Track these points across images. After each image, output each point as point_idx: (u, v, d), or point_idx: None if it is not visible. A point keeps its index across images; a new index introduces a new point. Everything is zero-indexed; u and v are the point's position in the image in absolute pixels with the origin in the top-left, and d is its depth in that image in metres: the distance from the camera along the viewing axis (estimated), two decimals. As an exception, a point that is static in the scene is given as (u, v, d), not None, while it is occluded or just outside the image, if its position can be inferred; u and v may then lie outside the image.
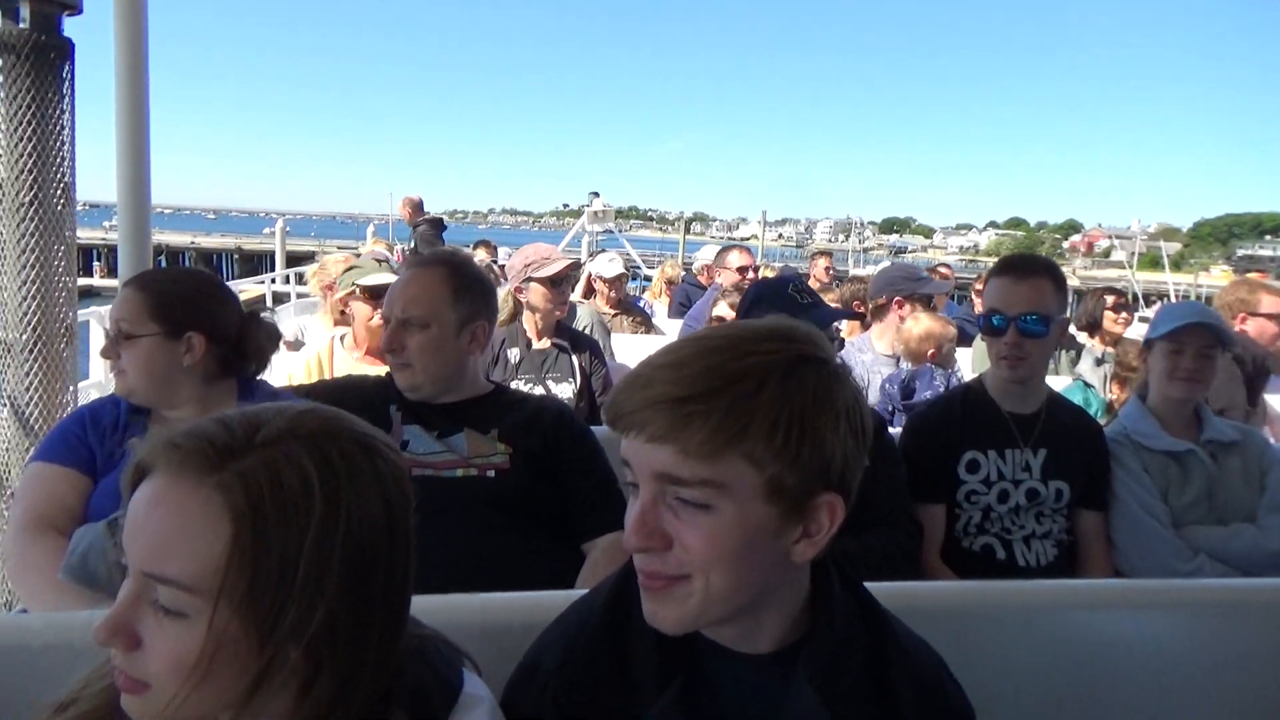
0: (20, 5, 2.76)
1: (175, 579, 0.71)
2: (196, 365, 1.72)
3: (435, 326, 1.80)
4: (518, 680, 0.98)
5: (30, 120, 2.76)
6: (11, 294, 2.79)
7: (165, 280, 1.78)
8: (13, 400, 2.80)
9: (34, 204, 2.78)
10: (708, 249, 7.42)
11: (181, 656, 0.71)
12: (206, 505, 0.71)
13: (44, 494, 1.63)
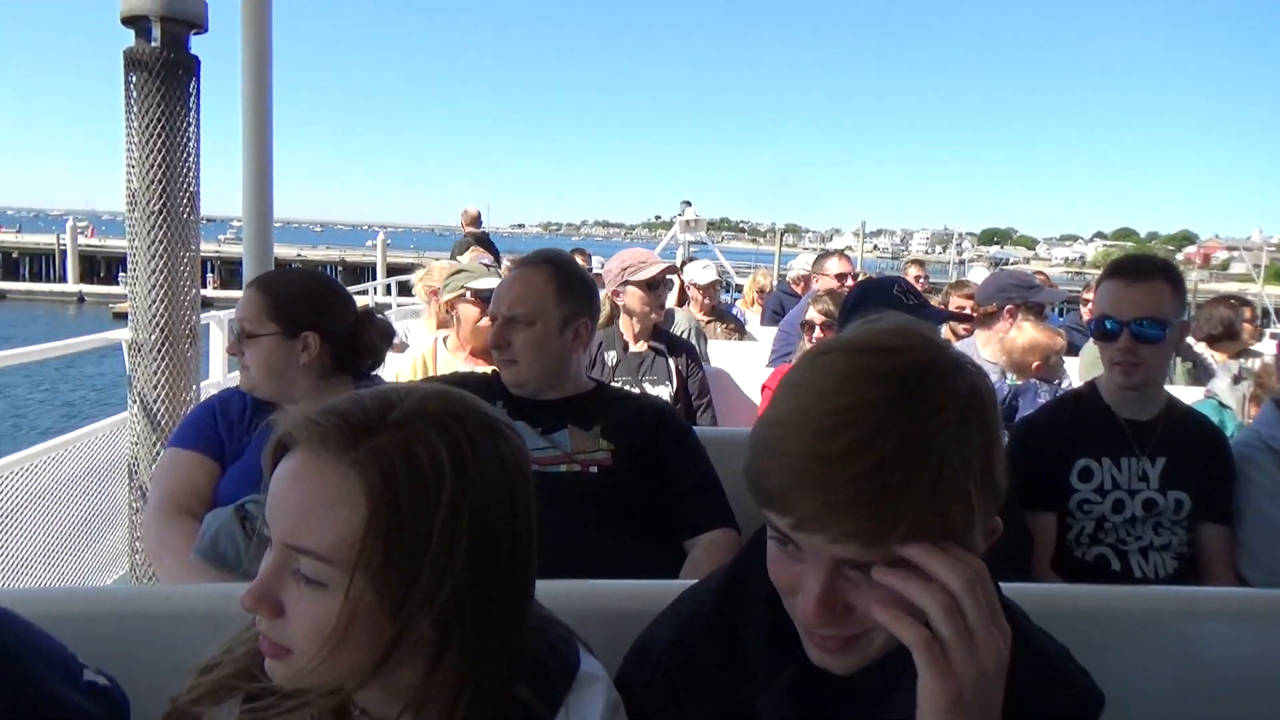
0: (152, 25, 2.95)
1: (315, 550, 0.74)
2: (312, 362, 1.80)
3: (540, 323, 1.85)
4: (630, 663, 0.99)
5: (160, 133, 2.94)
6: (142, 297, 2.98)
7: (283, 282, 1.88)
8: (141, 397, 2.98)
9: (163, 213, 2.96)
10: (803, 257, 7.37)
11: (321, 624, 0.74)
12: (344, 481, 0.74)
13: (178, 479, 1.74)
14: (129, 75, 2.95)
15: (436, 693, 0.78)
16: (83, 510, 3.18)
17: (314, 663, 0.75)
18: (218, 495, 1.72)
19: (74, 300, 35.53)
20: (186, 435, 1.80)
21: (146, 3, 2.92)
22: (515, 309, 1.86)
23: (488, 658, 0.79)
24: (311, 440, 0.77)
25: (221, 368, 3.95)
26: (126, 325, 3.07)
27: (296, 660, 0.76)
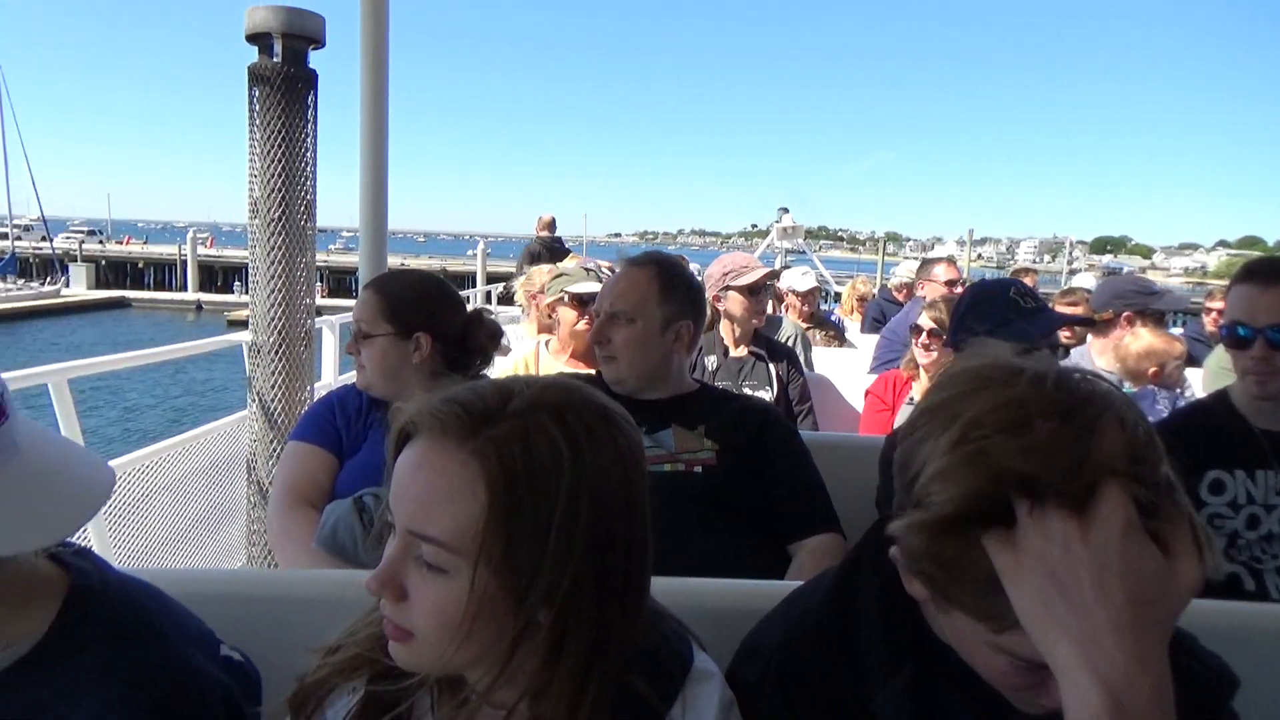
0: (274, 42, 3.10)
1: (437, 538, 0.76)
2: (424, 362, 1.86)
3: (641, 322, 1.86)
4: (740, 662, 0.99)
5: (280, 144, 3.09)
6: (261, 301, 3.13)
7: (398, 285, 1.94)
8: (260, 396, 3.13)
9: (281, 220, 3.11)
10: (906, 264, 7.21)
11: (443, 610, 0.76)
12: (464, 470, 0.76)
13: (299, 471, 1.82)
14: (252, 89, 3.11)
15: (557, 683, 0.78)
16: (204, 503, 3.35)
17: (437, 648, 0.77)
18: (336, 487, 1.79)
19: (192, 308, 37.59)
20: (307, 430, 1.88)
21: (270, 21, 3.08)
22: (617, 306, 1.88)
23: (607, 648, 0.79)
24: (433, 429, 0.79)
25: (333, 369, 4.11)
26: (239, 330, 3.23)
27: (419, 644, 0.78)
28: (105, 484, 0.86)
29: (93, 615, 0.87)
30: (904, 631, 0.88)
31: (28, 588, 0.85)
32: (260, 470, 3.13)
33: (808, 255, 15.54)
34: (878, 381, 3.21)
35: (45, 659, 0.84)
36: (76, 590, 0.88)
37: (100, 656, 0.84)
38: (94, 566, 0.92)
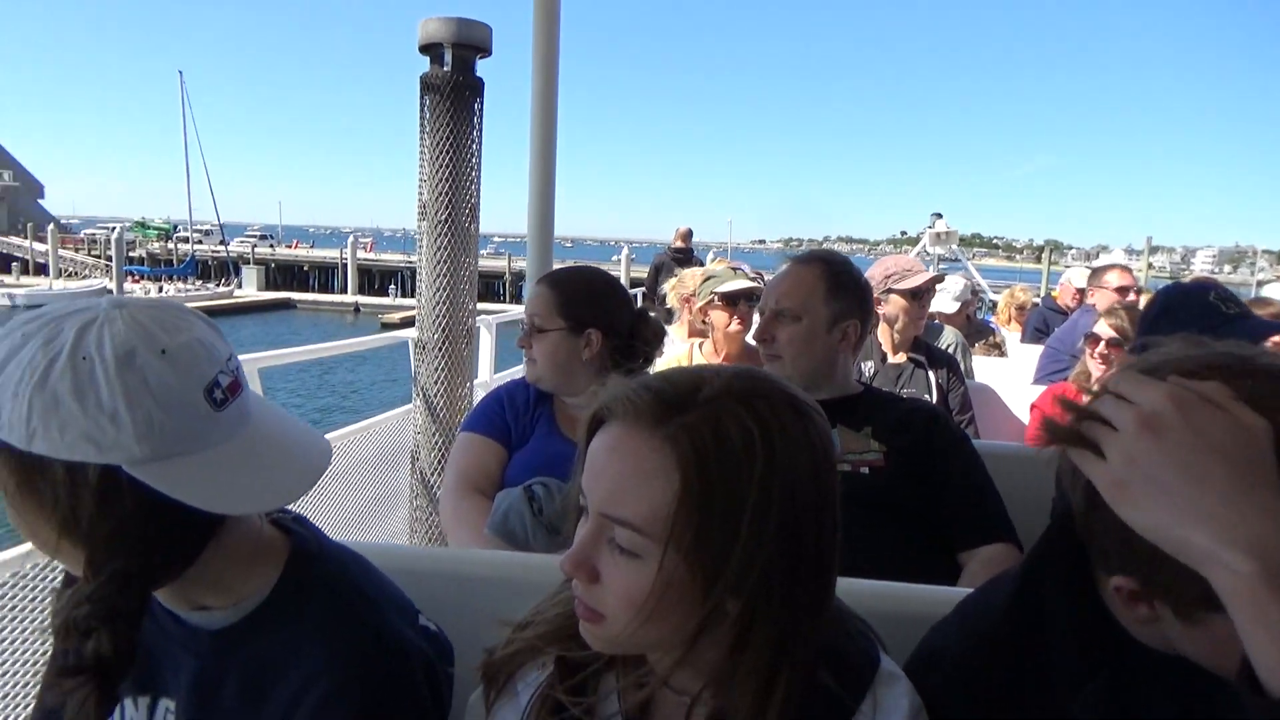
0: (445, 51, 3.27)
1: (630, 521, 0.78)
2: (594, 358, 1.91)
3: (806, 320, 1.86)
4: (918, 667, 0.97)
5: (448, 150, 3.25)
6: (427, 299, 3.29)
7: (572, 280, 2.00)
8: (424, 391, 3.29)
9: (448, 222, 3.27)
10: (1074, 270, 6.83)
11: (633, 593, 0.78)
12: (657, 455, 0.77)
13: (471, 460, 1.91)
14: (423, 97, 3.28)
15: (742, 673, 0.79)
16: (371, 491, 3.55)
17: (626, 630, 0.79)
18: (505, 477, 1.87)
19: (351, 310, 39.87)
20: (478, 422, 1.97)
21: (441, 31, 3.24)
22: (783, 303, 1.88)
23: (795, 640, 0.79)
24: (627, 415, 0.81)
25: (489, 367, 4.28)
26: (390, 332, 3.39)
27: (609, 625, 0.80)
28: (325, 454, 0.92)
29: (311, 578, 0.94)
30: (1095, 638, 0.84)
31: (255, 549, 0.93)
32: (423, 462, 3.29)
33: (962, 262, 14.97)
34: (1045, 394, 3.06)
35: (270, 616, 0.91)
36: (296, 554, 0.95)
37: (318, 617, 0.90)
38: (311, 533, 0.99)
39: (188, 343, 0.82)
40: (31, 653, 2.05)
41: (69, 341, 0.78)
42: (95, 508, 0.78)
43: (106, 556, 0.79)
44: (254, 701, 0.89)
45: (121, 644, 0.80)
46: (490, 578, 1.28)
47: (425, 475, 3.30)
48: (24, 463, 0.78)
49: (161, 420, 0.78)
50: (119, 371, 0.77)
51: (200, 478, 0.80)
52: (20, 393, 0.76)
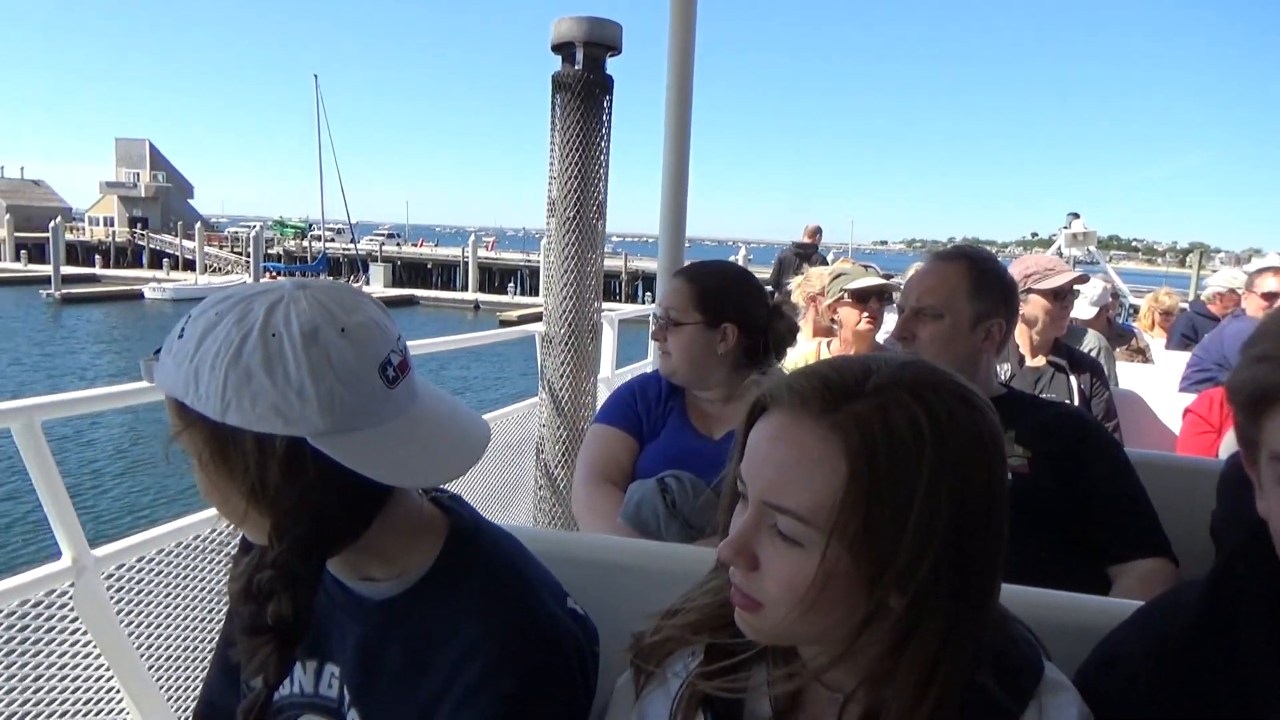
0: (576, 50, 3.34)
1: (793, 510, 0.77)
2: (729, 353, 1.91)
3: (949, 318, 1.81)
4: (1096, 670, 0.94)
5: (577, 148, 3.31)
6: (554, 294, 3.37)
7: (709, 274, 2.00)
8: (550, 384, 3.37)
9: (575, 219, 3.34)
10: (1226, 272, 6.40)
11: (794, 581, 0.77)
12: (824, 444, 0.76)
13: (603, 451, 1.95)
14: (555, 96, 3.35)
15: (903, 672, 0.77)
16: (497, 481, 3.66)
17: (785, 620, 0.78)
18: (636, 469, 1.89)
19: (471, 308, 41.13)
20: (610, 413, 2.00)
21: (573, 30, 3.31)
22: (924, 300, 1.83)
23: (959, 641, 0.77)
24: (791, 403, 0.80)
25: (610, 363, 4.33)
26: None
27: (768, 614, 0.80)
28: (485, 434, 0.96)
29: (469, 555, 0.97)
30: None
31: (417, 525, 0.98)
32: (548, 453, 3.37)
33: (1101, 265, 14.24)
34: (1200, 399, 2.89)
35: (430, 589, 0.95)
36: (455, 531, 0.99)
37: (477, 593, 0.94)
38: (468, 512, 1.03)
39: (364, 322, 0.87)
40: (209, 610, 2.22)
41: (259, 319, 0.83)
42: (281, 477, 0.83)
43: (290, 523, 0.84)
44: (415, 671, 0.93)
45: (301, 607, 0.85)
46: (630, 565, 1.30)
47: (550, 467, 3.38)
48: (218, 433, 0.84)
49: (342, 395, 0.83)
50: (305, 347, 0.82)
51: (375, 451, 0.84)
52: (217, 366, 0.81)
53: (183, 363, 0.83)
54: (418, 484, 0.92)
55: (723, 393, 1.93)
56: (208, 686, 1.17)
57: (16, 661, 1.82)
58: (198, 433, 0.86)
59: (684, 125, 3.33)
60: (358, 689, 0.97)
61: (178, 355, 0.84)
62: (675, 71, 3.28)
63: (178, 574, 2.16)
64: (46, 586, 1.88)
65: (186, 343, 0.84)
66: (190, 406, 0.83)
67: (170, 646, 2.15)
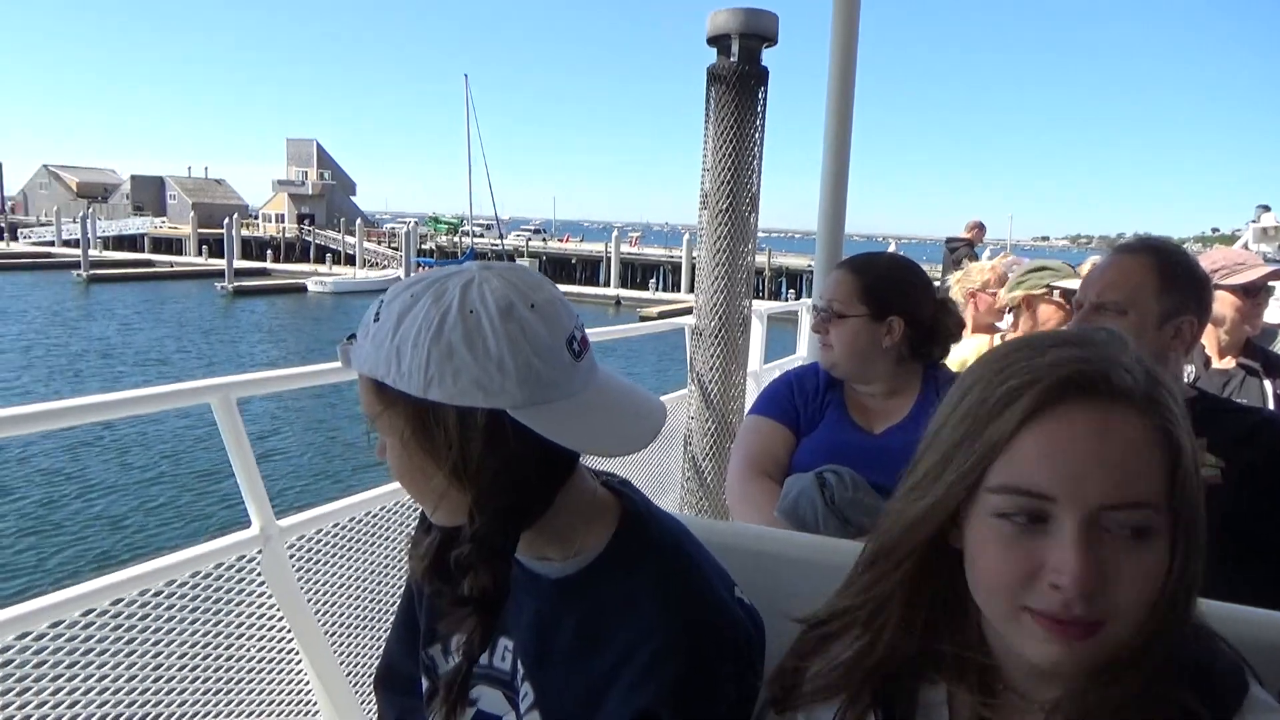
0: (732, 42, 3.34)
1: (1149, 501, 0.72)
2: (893, 347, 1.88)
3: (1133, 314, 1.70)
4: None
5: (731, 140, 3.31)
6: (705, 287, 3.39)
7: (875, 266, 1.96)
8: (699, 377, 3.40)
9: (728, 211, 3.34)
10: None
11: (1150, 578, 0.73)
12: (1145, 432, 0.73)
13: (759, 443, 1.94)
14: (709, 89, 3.37)
15: (1106, 678, 0.75)
16: (645, 473, 3.72)
17: (1128, 630, 0.73)
18: (793, 463, 1.88)
19: (612, 303, 41.72)
20: (766, 405, 1.99)
21: (730, 23, 3.31)
22: (1106, 296, 1.73)
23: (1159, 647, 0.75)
24: (1113, 391, 0.75)
25: (758, 357, 4.32)
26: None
27: (1110, 632, 0.73)
28: (662, 407, 0.98)
29: (642, 538, 0.99)
30: None
31: (591, 506, 1.00)
32: (695, 446, 3.40)
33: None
34: None
35: (604, 570, 0.98)
36: (627, 513, 1.01)
37: (650, 575, 0.96)
38: (638, 496, 1.05)
39: (550, 298, 0.91)
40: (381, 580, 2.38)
41: (456, 297, 0.87)
42: (484, 450, 0.87)
43: (490, 497, 0.88)
44: (588, 648, 0.96)
45: (500, 579, 0.90)
46: (788, 556, 1.29)
47: (697, 460, 3.40)
48: (420, 411, 0.88)
49: (538, 367, 0.86)
50: (502, 322, 0.86)
51: (568, 422, 0.87)
52: (419, 343, 0.85)
53: (382, 344, 0.87)
54: (609, 452, 0.95)
55: (885, 386, 1.90)
56: (388, 651, 1.25)
57: (210, 618, 2.00)
58: (399, 412, 0.89)
59: (845, 118, 3.28)
60: (532, 663, 1.00)
61: (376, 337, 0.89)
62: (837, 63, 3.24)
63: (353, 546, 2.31)
64: (237, 552, 2.05)
65: (384, 325, 0.88)
66: (391, 386, 0.87)
67: (344, 613, 2.30)
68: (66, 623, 1.73)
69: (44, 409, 1.75)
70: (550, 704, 0.97)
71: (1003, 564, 0.75)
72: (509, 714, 1.03)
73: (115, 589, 1.81)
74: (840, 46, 3.22)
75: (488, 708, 1.04)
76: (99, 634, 1.78)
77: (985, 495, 0.76)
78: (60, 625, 1.72)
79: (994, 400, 0.77)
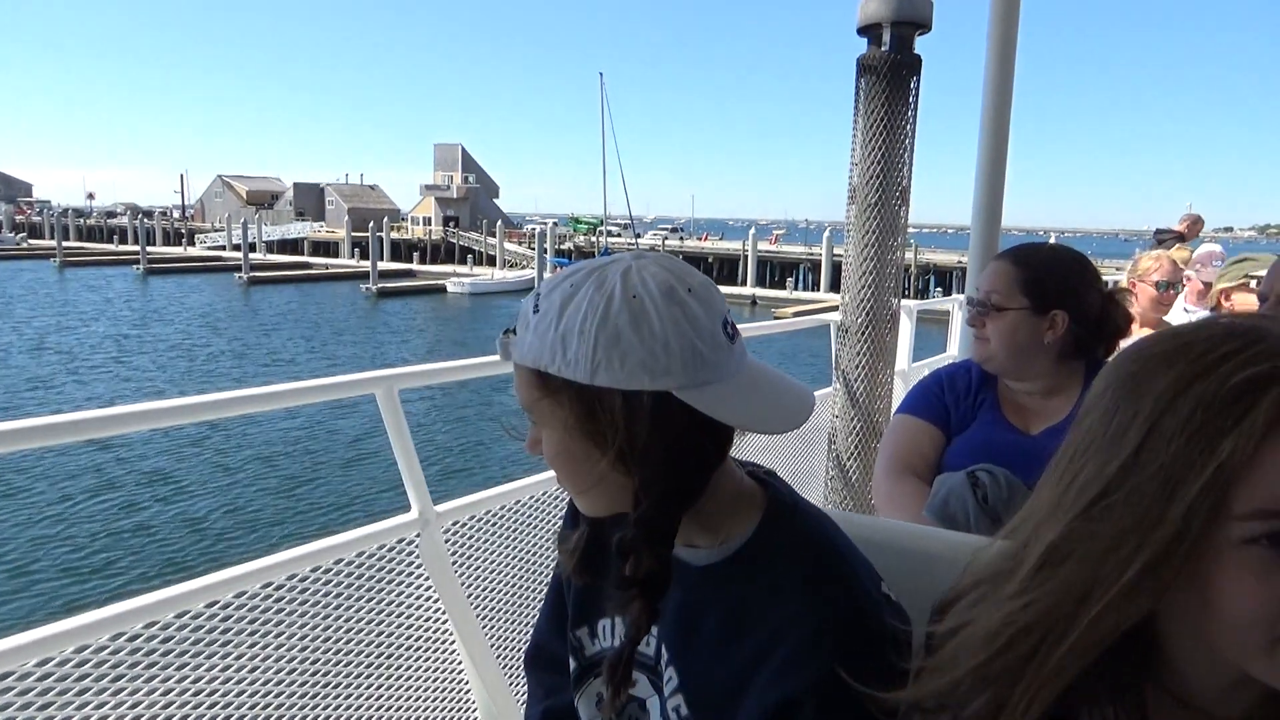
0: (884, 31, 3.27)
1: None
2: (1055, 342, 1.80)
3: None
4: None
5: (881, 132, 3.25)
6: (853, 283, 3.34)
7: (1039, 256, 1.88)
8: (844, 375, 3.35)
9: (877, 205, 3.28)
10: None
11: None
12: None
13: (906, 441, 1.91)
14: (859, 80, 3.31)
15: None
16: (788, 470, 3.69)
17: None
18: (943, 463, 1.84)
19: (748, 303, 41.50)
20: (915, 403, 1.95)
21: (881, 10, 3.24)
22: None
23: None
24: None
25: (906, 355, 4.22)
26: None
27: None
28: (810, 392, 0.98)
29: (788, 528, 1.00)
30: None
31: (738, 494, 1.01)
32: (840, 445, 3.36)
33: None
34: None
35: (750, 559, 0.98)
36: (773, 503, 1.02)
37: (797, 564, 0.96)
38: (785, 487, 1.06)
39: (704, 282, 0.93)
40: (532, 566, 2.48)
41: (617, 283, 0.90)
42: (650, 433, 0.89)
43: (656, 478, 0.90)
44: (732, 636, 0.97)
45: (664, 561, 0.92)
46: (938, 555, 1.22)
47: (842, 458, 3.36)
48: (585, 396, 0.89)
49: (700, 348, 0.88)
50: (666, 304, 0.88)
51: (728, 402, 0.89)
52: (586, 330, 0.88)
53: (546, 333, 0.90)
54: (769, 429, 0.95)
55: (1044, 385, 1.82)
56: (538, 631, 1.29)
57: (372, 596, 2.13)
58: (563, 400, 0.92)
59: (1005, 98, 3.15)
60: (676, 649, 1.02)
61: (538, 329, 0.92)
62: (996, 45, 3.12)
63: (505, 532, 2.41)
64: (398, 535, 2.17)
65: (545, 315, 0.91)
66: (555, 375, 0.90)
67: (495, 596, 2.41)
68: (248, 593, 1.87)
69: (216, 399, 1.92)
70: (694, 688, 0.99)
71: (1264, 594, 0.65)
72: (653, 697, 1.05)
73: (290, 564, 1.95)
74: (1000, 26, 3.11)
75: (633, 690, 1.06)
76: (275, 605, 1.92)
77: (1231, 524, 0.65)
78: (243, 595, 1.87)
79: (1220, 403, 0.65)
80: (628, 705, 1.08)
